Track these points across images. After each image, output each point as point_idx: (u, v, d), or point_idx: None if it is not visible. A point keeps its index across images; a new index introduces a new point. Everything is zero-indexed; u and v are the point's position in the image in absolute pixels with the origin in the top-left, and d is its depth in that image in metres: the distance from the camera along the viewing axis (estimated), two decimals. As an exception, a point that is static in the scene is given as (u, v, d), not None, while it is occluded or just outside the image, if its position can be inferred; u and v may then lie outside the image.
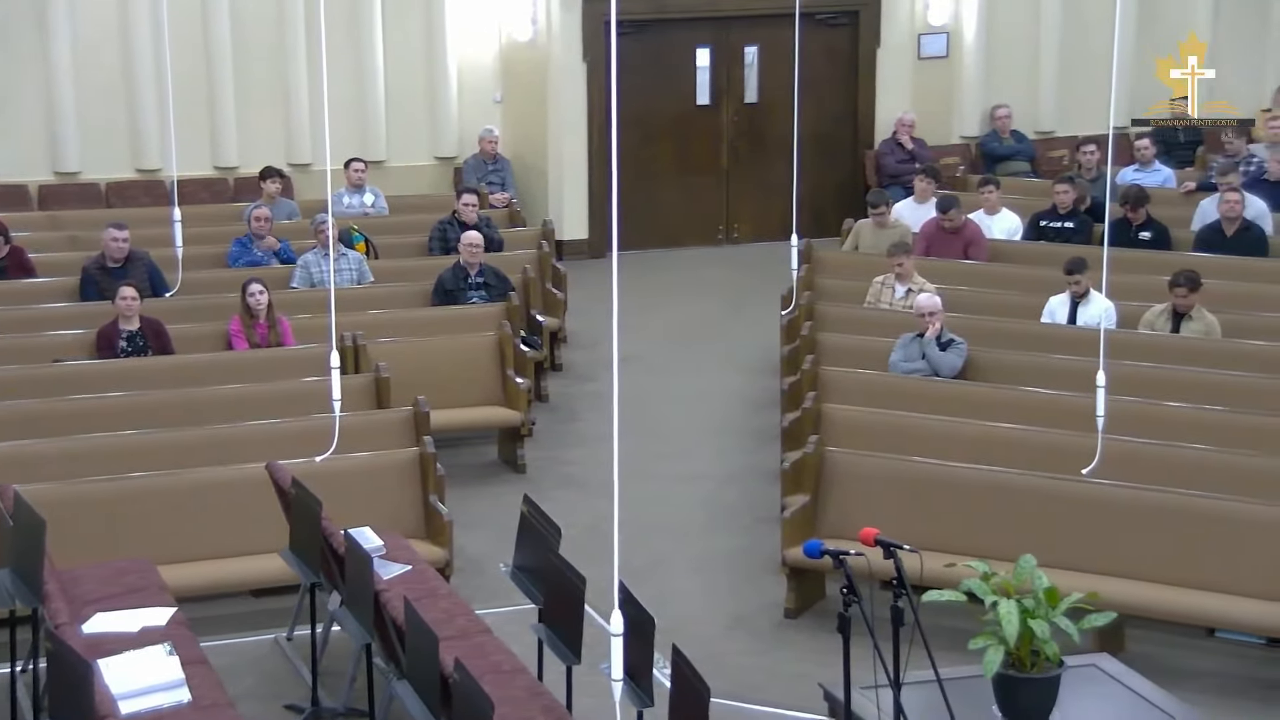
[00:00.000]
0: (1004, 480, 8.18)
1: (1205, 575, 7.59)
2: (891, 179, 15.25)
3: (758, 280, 14.17)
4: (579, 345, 12.83)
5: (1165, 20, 16.64)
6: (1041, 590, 5.89)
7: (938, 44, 16.35)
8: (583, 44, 15.39)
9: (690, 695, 5.62)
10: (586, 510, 9.33)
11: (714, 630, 8.19)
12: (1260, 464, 8.16)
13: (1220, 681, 7.49)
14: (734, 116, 16.27)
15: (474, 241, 11.70)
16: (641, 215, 15.41)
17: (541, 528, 7.16)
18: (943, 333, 9.92)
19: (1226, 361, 9.70)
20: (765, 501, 9.70)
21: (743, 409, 11.63)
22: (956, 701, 5.59)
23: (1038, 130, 16.45)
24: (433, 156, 15.75)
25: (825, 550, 5.70)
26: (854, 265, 12.16)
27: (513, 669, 6.38)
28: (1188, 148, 15.67)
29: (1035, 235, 12.64)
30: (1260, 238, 11.99)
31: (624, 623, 5.14)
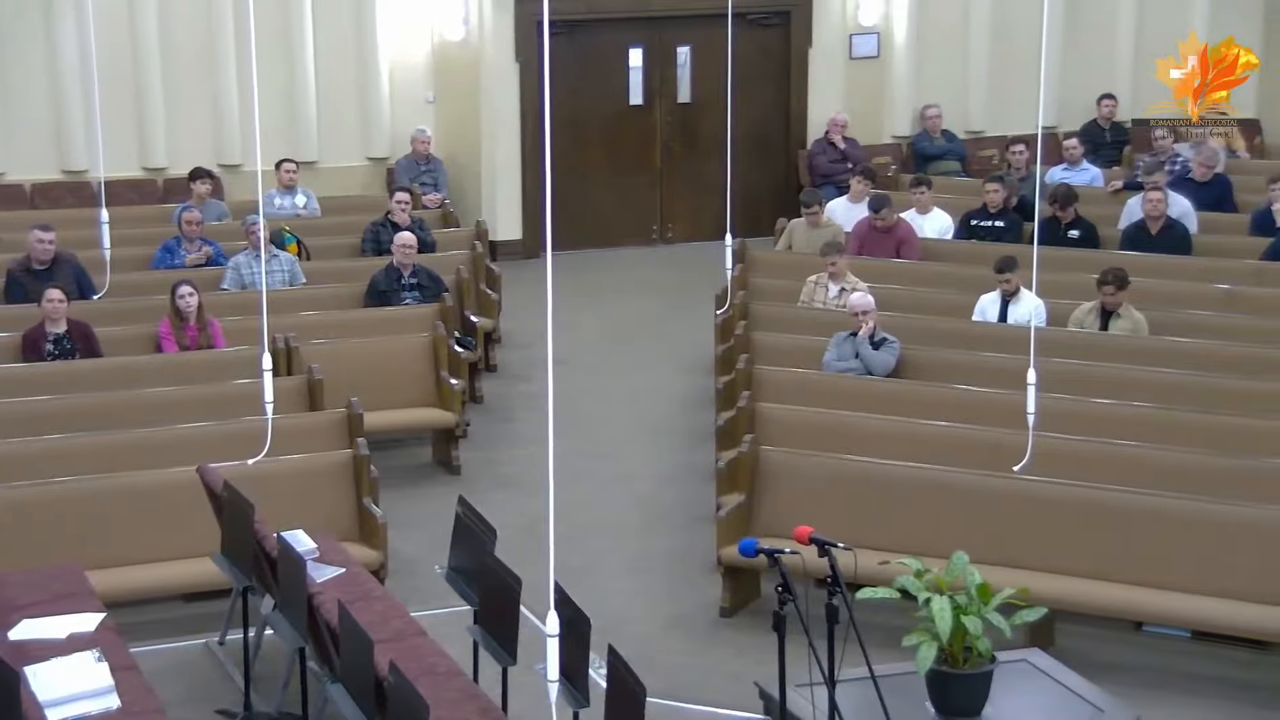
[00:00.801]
0: (936, 478, 8.24)
1: (1133, 570, 7.68)
2: (824, 178, 15.33)
3: (692, 280, 14.20)
4: (513, 346, 12.81)
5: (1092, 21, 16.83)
6: (974, 586, 5.95)
7: (869, 44, 16.45)
8: (515, 44, 15.36)
9: (626, 695, 5.62)
10: (522, 511, 9.31)
11: (650, 630, 8.20)
12: (1187, 460, 8.27)
13: (1148, 675, 7.59)
14: (667, 116, 16.29)
15: (407, 242, 11.65)
16: (576, 215, 15.40)
17: (477, 529, 7.14)
18: (876, 331, 9.98)
19: (1154, 358, 9.82)
20: (700, 501, 9.72)
21: (677, 408, 11.65)
22: (891, 698, 5.63)
23: (968, 130, 16.59)
24: (365, 157, 15.66)
25: (760, 549, 5.72)
26: (787, 264, 12.21)
27: (448, 671, 6.35)
28: (1114, 147, 15.88)
29: (966, 234, 12.74)
30: (1184, 236, 12.16)
31: (559, 623, 5.13)
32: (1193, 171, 13.50)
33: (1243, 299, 10.90)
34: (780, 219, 13.44)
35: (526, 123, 15.51)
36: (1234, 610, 7.44)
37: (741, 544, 6.00)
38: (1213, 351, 9.91)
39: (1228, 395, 9.17)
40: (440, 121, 15.67)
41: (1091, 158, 14.83)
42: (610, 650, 5.81)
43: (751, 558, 5.87)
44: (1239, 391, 9.22)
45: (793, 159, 16.38)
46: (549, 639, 5.08)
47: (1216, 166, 13.58)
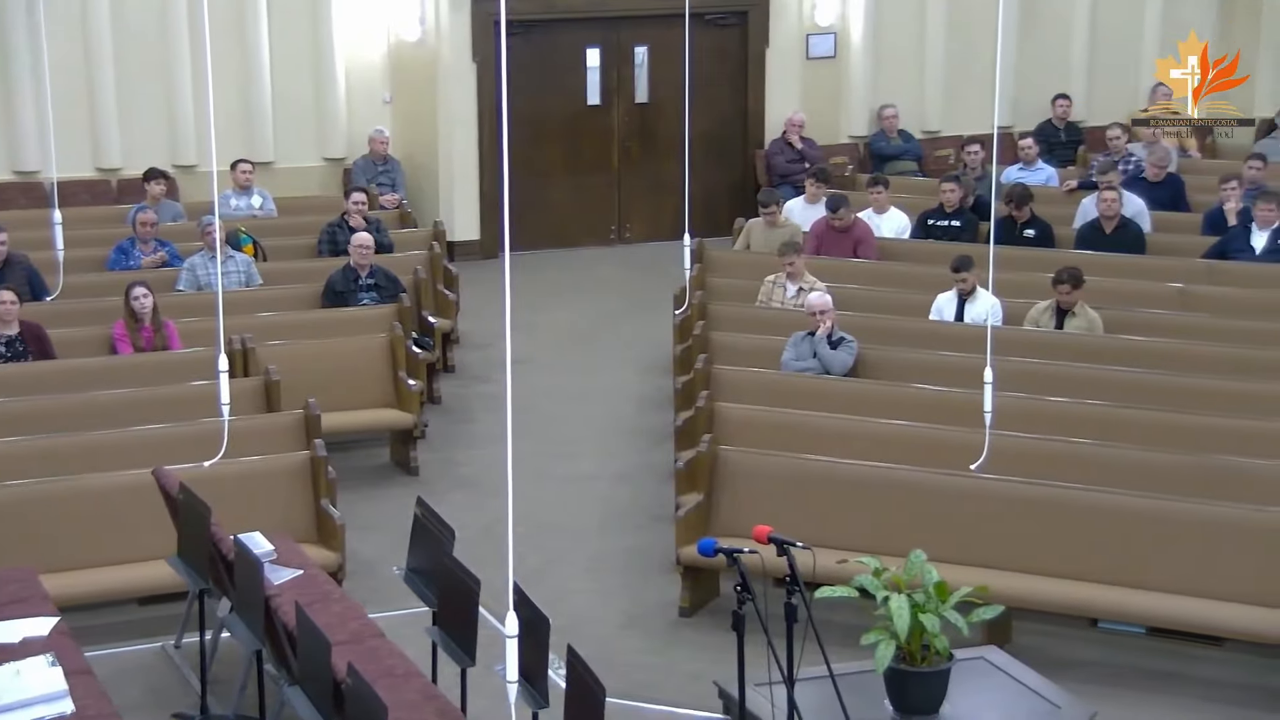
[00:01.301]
0: (894, 476, 8.27)
1: (1089, 567, 7.73)
2: (782, 178, 15.36)
3: (650, 280, 14.20)
4: (471, 346, 12.78)
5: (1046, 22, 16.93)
6: (931, 585, 5.97)
7: (825, 44, 16.50)
8: (472, 44, 15.32)
9: (585, 695, 5.61)
10: (481, 512, 9.29)
11: (609, 630, 8.19)
12: (1142, 457, 8.33)
13: (1103, 671, 7.64)
14: (625, 116, 16.29)
15: (364, 243, 11.61)
16: (533, 215, 15.38)
17: (435, 530, 7.12)
18: (834, 331, 10.01)
19: (1108, 357, 9.89)
20: (659, 500, 9.72)
21: (636, 408, 11.65)
22: (849, 696, 5.64)
23: (924, 130, 16.66)
24: (321, 157, 15.58)
25: (719, 548, 5.72)
26: (745, 264, 12.23)
27: (406, 672, 6.33)
28: (1069, 147, 15.99)
29: (923, 234, 12.80)
30: (1138, 235, 12.25)
31: (518, 624, 5.12)
32: (1146, 171, 13.60)
33: (1196, 297, 10.99)
34: (738, 219, 13.46)
35: (484, 123, 15.48)
36: (1189, 606, 7.50)
37: (700, 544, 6.00)
38: (1167, 350, 9.99)
39: (1182, 393, 9.25)
40: (397, 122, 15.61)
41: (1046, 157, 14.92)
42: (569, 650, 5.81)
43: (710, 557, 5.88)
44: (1193, 389, 9.29)
45: (750, 159, 16.41)
46: (508, 640, 5.07)
47: (1169, 166, 13.69)
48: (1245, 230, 11.81)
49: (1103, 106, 16.70)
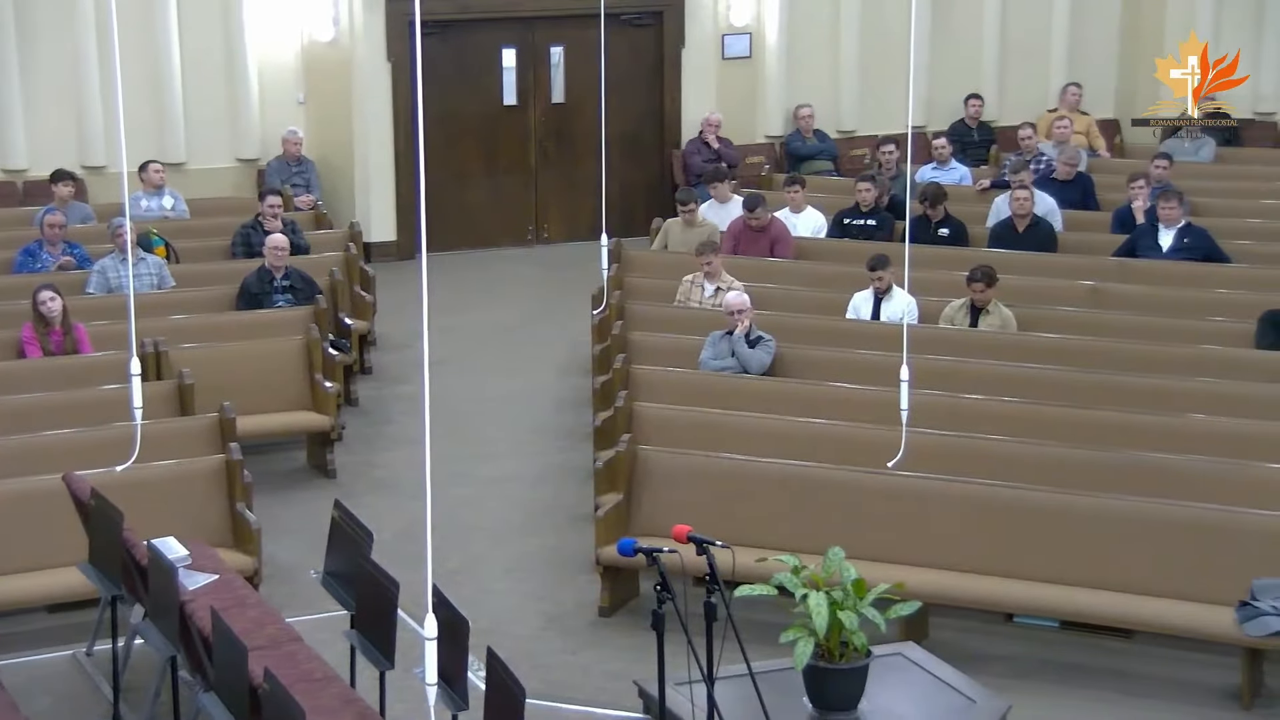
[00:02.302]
0: (812, 475, 8.32)
1: (1004, 562, 7.81)
2: (699, 178, 15.39)
3: (568, 280, 14.19)
4: (389, 348, 12.70)
5: (958, 23, 17.10)
6: (850, 582, 6.01)
7: (741, 44, 16.56)
8: (386, 44, 15.23)
9: (505, 697, 5.60)
10: (399, 514, 9.24)
11: (529, 631, 8.17)
12: (1055, 454, 8.43)
13: (1018, 665, 7.72)
14: (541, 116, 16.26)
15: (279, 245, 11.50)
16: (450, 216, 15.31)
17: (353, 533, 7.07)
18: (751, 330, 10.05)
19: (1022, 354, 10.00)
20: (578, 501, 9.71)
21: (555, 409, 11.63)
22: (768, 694, 5.66)
23: (840, 130, 16.77)
24: (234, 158, 15.41)
25: (639, 548, 5.72)
26: (663, 264, 12.26)
27: (324, 677, 6.28)
28: (982, 146, 16.17)
29: (839, 233, 12.88)
30: (1050, 233, 12.41)
31: (438, 626, 5.09)
32: (1056, 170, 13.79)
33: (1107, 295, 11.14)
34: (656, 219, 13.48)
35: (400, 123, 15.39)
36: (1101, 600, 7.60)
37: (620, 543, 6.01)
38: (1079, 347, 10.12)
39: (1094, 389, 9.37)
40: (312, 122, 15.48)
41: (960, 157, 15.08)
42: (489, 652, 5.79)
43: (630, 557, 5.88)
44: (1104, 386, 9.42)
45: (667, 159, 16.44)
46: (427, 642, 5.05)
47: (1079, 165, 13.88)
48: (1152, 228, 12.00)
49: (1013, 107, 16.90)
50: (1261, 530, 7.53)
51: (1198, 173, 14.56)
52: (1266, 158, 15.75)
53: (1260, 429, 8.65)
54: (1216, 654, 7.52)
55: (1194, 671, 7.62)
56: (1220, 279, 11.42)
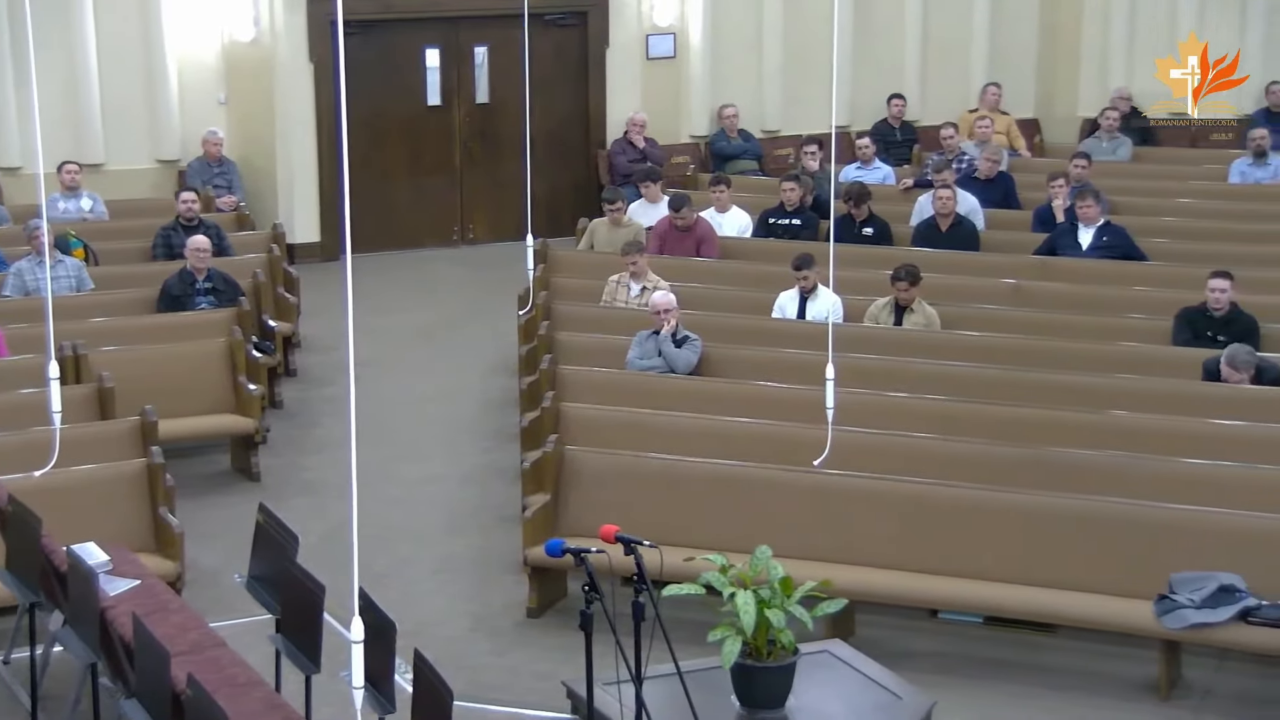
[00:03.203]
0: (739, 473, 8.35)
1: (929, 559, 7.88)
2: (624, 178, 15.41)
3: (494, 280, 14.15)
4: (314, 350, 12.60)
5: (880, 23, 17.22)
6: (777, 580, 6.03)
7: (665, 44, 16.59)
8: (308, 44, 15.12)
9: (433, 698, 5.58)
10: (325, 517, 9.18)
11: (456, 632, 8.15)
12: (978, 450, 8.51)
13: (943, 660, 7.79)
14: (466, 117, 16.20)
15: (201, 246, 11.38)
16: (375, 217, 15.22)
17: (278, 536, 7.02)
18: (678, 329, 10.07)
19: (946, 352, 10.09)
20: (506, 501, 9.69)
21: (481, 409, 11.59)
22: (696, 693, 5.68)
23: (764, 129, 16.84)
24: (154, 159, 15.22)
25: (566, 549, 5.72)
26: (589, 264, 12.26)
27: (249, 681, 6.22)
28: (904, 146, 16.30)
29: (764, 232, 12.93)
30: (972, 232, 12.53)
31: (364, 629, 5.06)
32: (979, 169, 13.92)
33: (1028, 293, 11.27)
34: (581, 219, 13.48)
35: (323, 123, 15.28)
36: (1024, 595, 7.68)
37: (547, 544, 6.00)
38: (1001, 344, 10.22)
39: (1016, 387, 9.46)
40: (233, 123, 15.33)
41: (883, 156, 15.19)
42: (416, 654, 5.76)
43: (557, 557, 5.88)
44: (1026, 383, 9.51)
45: (593, 159, 16.43)
46: (353, 645, 5.01)
47: (1001, 164, 14.02)
48: (1072, 227, 12.14)
49: (935, 106, 17.06)
50: (1179, 524, 7.64)
51: (1116, 172, 14.77)
52: (1182, 157, 15.98)
53: (1177, 425, 8.78)
54: (1136, 647, 7.63)
55: (1114, 664, 7.73)
56: (1138, 277, 11.59)
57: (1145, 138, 16.40)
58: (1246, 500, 7.77)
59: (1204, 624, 7.21)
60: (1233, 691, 7.52)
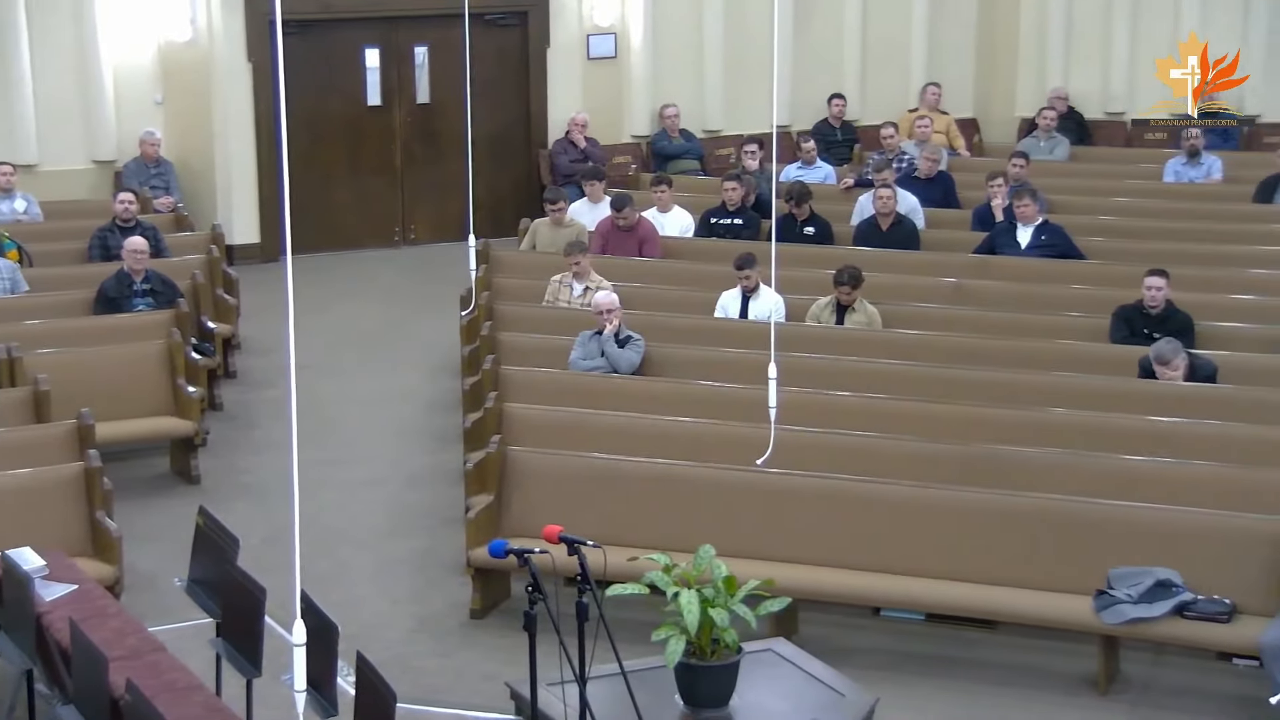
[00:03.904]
0: (682, 473, 8.36)
1: (871, 557, 7.92)
2: (566, 178, 15.39)
3: (436, 281, 14.10)
4: (254, 351, 12.51)
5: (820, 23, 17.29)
6: (720, 579, 6.04)
7: (606, 44, 16.59)
8: (247, 44, 15.01)
9: (375, 701, 5.55)
10: (266, 519, 9.12)
11: (399, 634, 8.11)
12: (919, 448, 8.56)
13: (885, 657, 7.84)
14: (407, 117, 16.14)
15: (138, 247, 11.27)
16: (315, 218, 15.14)
17: (218, 539, 6.96)
18: (620, 329, 10.07)
19: (887, 351, 10.15)
20: (449, 503, 9.66)
21: (424, 411, 11.55)
22: (640, 692, 5.68)
23: (705, 129, 16.86)
24: (90, 160, 15.06)
25: (510, 549, 5.71)
26: (531, 264, 12.24)
27: (188, 686, 6.17)
28: (845, 145, 16.37)
29: (706, 232, 12.96)
30: (912, 231, 12.60)
31: (306, 632, 5.03)
32: (919, 168, 14.01)
33: (968, 292, 11.35)
34: (523, 219, 13.46)
35: (261, 124, 15.17)
36: (965, 592, 7.74)
37: (491, 545, 5.99)
38: (942, 343, 10.29)
39: (956, 385, 9.53)
40: (170, 123, 15.19)
41: (823, 156, 15.26)
42: (359, 657, 5.73)
43: (501, 558, 5.86)
44: (966, 381, 9.58)
45: (534, 159, 16.41)
46: (295, 648, 4.98)
47: (941, 163, 14.12)
48: (1011, 226, 12.24)
49: (875, 106, 17.15)
50: (1117, 520, 7.72)
51: (1053, 171, 14.91)
52: (1118, 156, 16.17)
53: (1115, 421, 8.87)
54: (1075, 642, 7.70)
55: (1054, 660, 7.80)
56: (1076, 275, 11.69)
57: (1082, 137, 16.57)
58: (1183, 496, 7.86)
59: (1141, 619, 7.28)
60: (1169, 685, 7.61)
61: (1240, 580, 7.34)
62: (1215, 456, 8.33)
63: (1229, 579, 7.37)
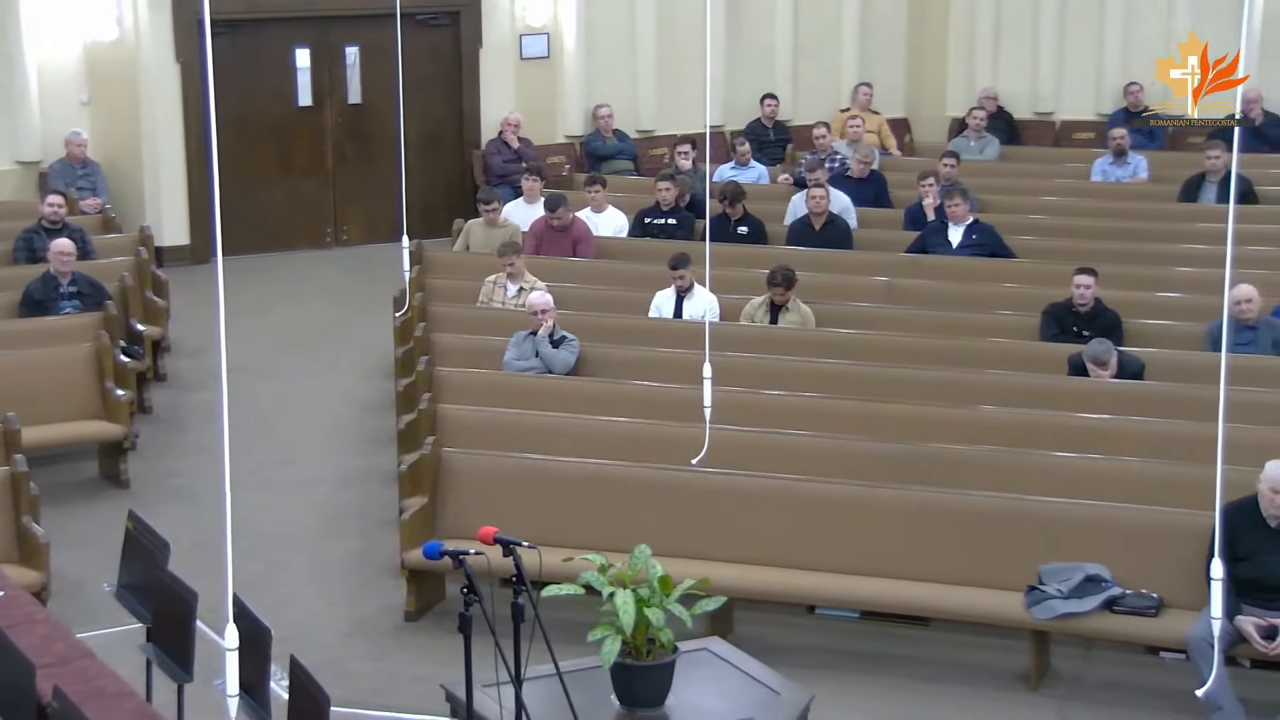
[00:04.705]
0: (617, 473, 8.36)
1: (806, 555, 7.96)
2: (500, 179, 15.36)
3: (369, 282, 14.03)
4: (184, 354, 12.40)
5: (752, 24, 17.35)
6: (656, 579, 6.05)
7: (539, 45, 16.57)
8: (174, 44, 14.87)
9: (309, 705, 5.51)
10: (197, 523, 9.03)
11: (333, 637, 8.06)
12: (853, 446, 8.60)
13: (820, 655, 7.87)
14: (338, 117, 16.04)
15: (64, 250, 11.13)
16: (246, 219, 15.01)
17: (148, 543, 6.88)
18: (555, 330, 10.06)
19: (820, 350, 10.20)
20: (383, 504, 9.61)
21: (358, 412, 11.48)
22: (576, 693, 5.67)
23: (639, 129, 16.89)
24: (14, 161, 14.85)
25: (444, 551, 5.68)
26: (465, 265, 12.20)
27: (118, 692, 6.09)
28: (778, 145, 16.45)
29: (640, 232, 12.97)
30: (845, 231, 12.67)
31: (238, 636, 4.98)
32: (851, 168, 14.09)
33: (901, 291, 11.42)
34: (457, 219, 13.41)
35: (190, 124, 15.03)
36: (899, 589, 7.79)
37: (425, 547, 5.96)
38: (874, 341, 10.35)
39: (889, 383, 9.59)
40: (97, 124, 15.01)
41: (756, 156, 15.32)
42: (292, 660, 5.69)
43: (436, 560, 5.83)
44: (899, 379, 9.64)
45: (467, 159, 16.36)
46: (227, 653, 4.93)
47: (873, 163, 14.21)
48: (942, 225, 12.34)
49: (807, 106, 17.24)
50: (1048, 516, 7.79)
51: (983, 170, 15.05)
52: (1047, 156, 16.34)
53: (1045, 418, 8.96)
54: (1007, 638, 7.77)
55: (986, 655, 7.87)
56: (1006, 274, 11.80)
57: (1011, 137, 16.73)
58: (1111, 492, 7.95)
59: (1071, 614, 7.36)
60: (1099, 679, 7.70)
61: (1168, 575, 7.44)
62: (1143, 452, 8.43)
63: (1157, 573, 7.47)
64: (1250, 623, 7.06)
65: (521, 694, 5.53)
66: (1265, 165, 14.50)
